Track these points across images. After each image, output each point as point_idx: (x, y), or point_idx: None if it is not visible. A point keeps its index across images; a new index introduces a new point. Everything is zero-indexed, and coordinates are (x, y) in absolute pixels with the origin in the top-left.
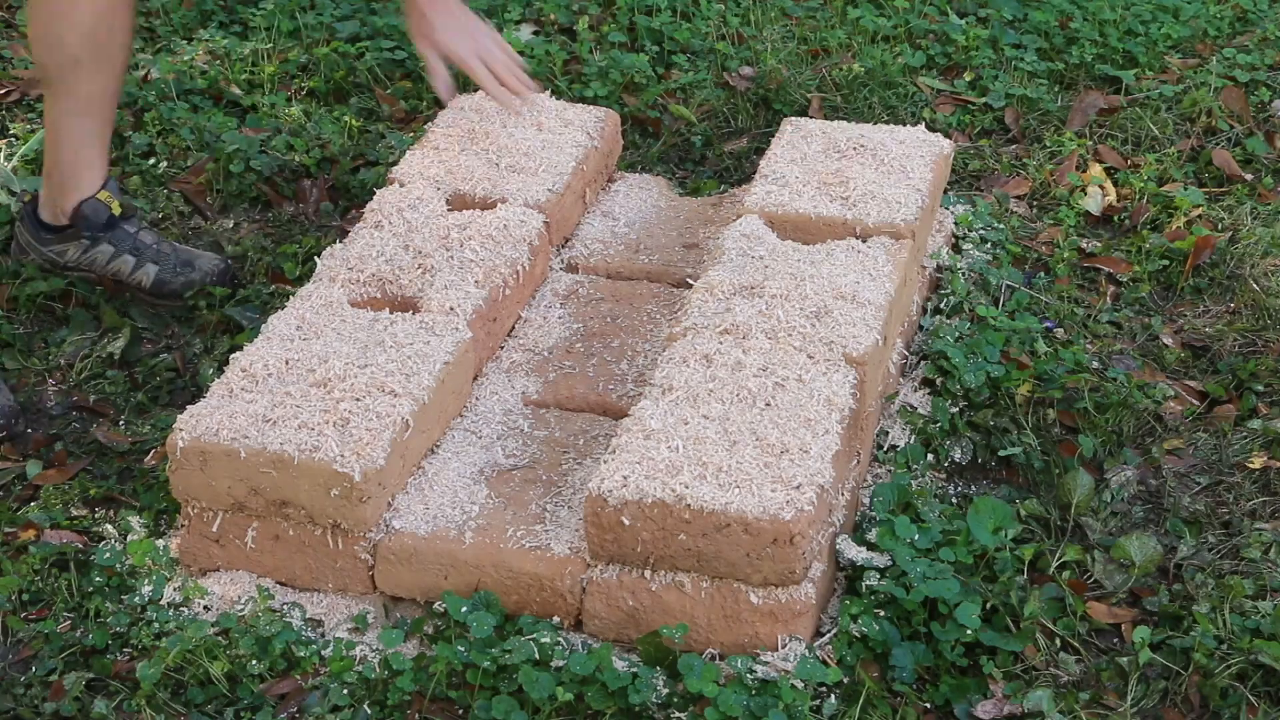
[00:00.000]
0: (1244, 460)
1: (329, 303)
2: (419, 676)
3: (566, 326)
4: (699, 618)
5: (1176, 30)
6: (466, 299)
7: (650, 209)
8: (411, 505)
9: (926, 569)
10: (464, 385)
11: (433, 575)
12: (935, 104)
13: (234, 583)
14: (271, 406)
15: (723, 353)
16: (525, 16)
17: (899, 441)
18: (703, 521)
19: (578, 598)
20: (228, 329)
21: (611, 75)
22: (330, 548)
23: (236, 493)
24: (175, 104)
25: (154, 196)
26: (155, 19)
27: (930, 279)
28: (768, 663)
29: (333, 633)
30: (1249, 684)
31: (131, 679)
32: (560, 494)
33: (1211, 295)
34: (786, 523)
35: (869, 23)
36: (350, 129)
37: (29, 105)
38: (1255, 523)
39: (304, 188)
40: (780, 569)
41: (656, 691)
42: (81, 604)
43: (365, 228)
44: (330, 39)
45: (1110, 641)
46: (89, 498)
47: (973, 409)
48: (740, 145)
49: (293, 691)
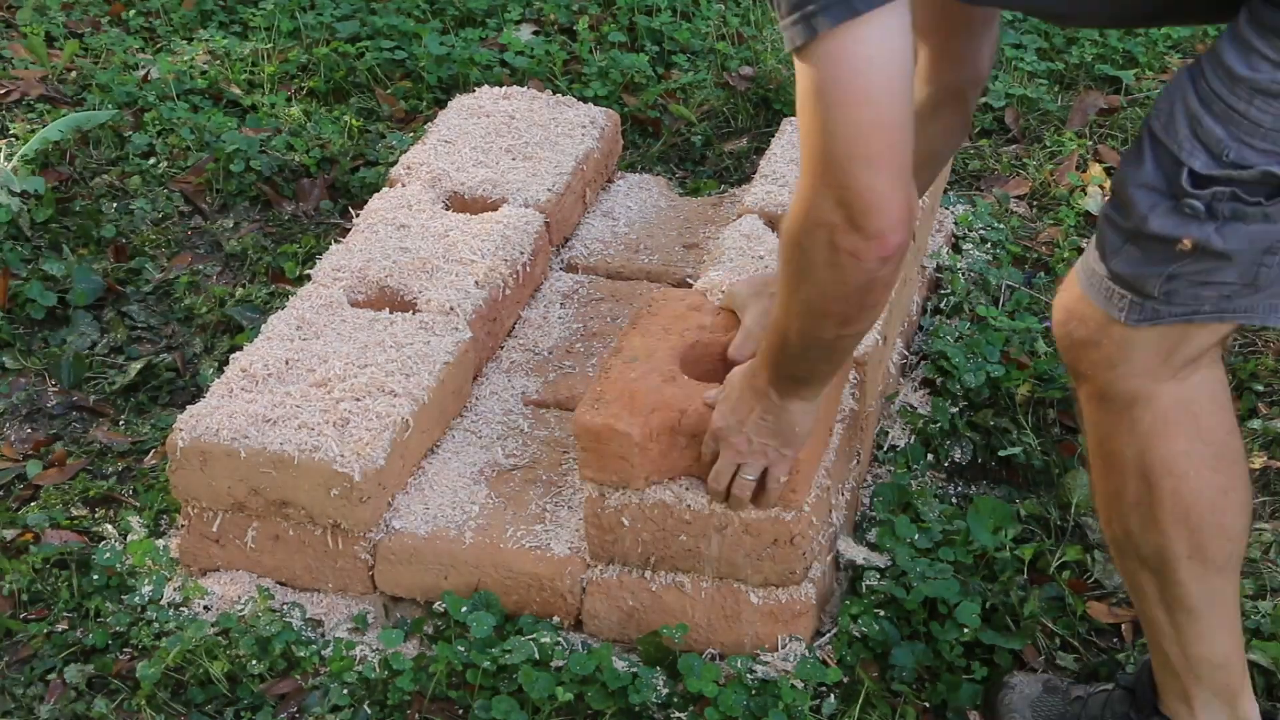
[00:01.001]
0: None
1: (329, 303)
2: (419, 676)
3: (566, 326)
4: (699, 618)
5: (1176, 30)
6: (466, 299)
7: (650, 209)
8: (411, 505)
9: (926, 569)
10: (464, 385)
11: (433, 575)
12: None
13: (234, 583)
14: (271, 406)
15: None
16: (525, 16)
17: (899, 441)
18: (703, 522)
19: (578, 598)
20: (228, 329)
21: (611, 75)
22: (330, 548)
23: (236, 493)
24: (175, 104)
25: (154, 196)
26: (155, 19)
27: (930, 279)
28: (768, 663)
29: (333, 633)
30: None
31: (131, 679)
32: (560, 494)
33: None
34: (786, 523)
35: None
36: (350, 129)
37: (29, 105)
38: (1256, 522)
39: (304, 187)
40: (780, 569)
41: (656, 691)
42: (81, 604)
43: (365, 228)
44: (330, 39)
45: (1110, 641)
46: (89, 498)
47: (973, 409)
48: (740, 145)
49: (293, 691)
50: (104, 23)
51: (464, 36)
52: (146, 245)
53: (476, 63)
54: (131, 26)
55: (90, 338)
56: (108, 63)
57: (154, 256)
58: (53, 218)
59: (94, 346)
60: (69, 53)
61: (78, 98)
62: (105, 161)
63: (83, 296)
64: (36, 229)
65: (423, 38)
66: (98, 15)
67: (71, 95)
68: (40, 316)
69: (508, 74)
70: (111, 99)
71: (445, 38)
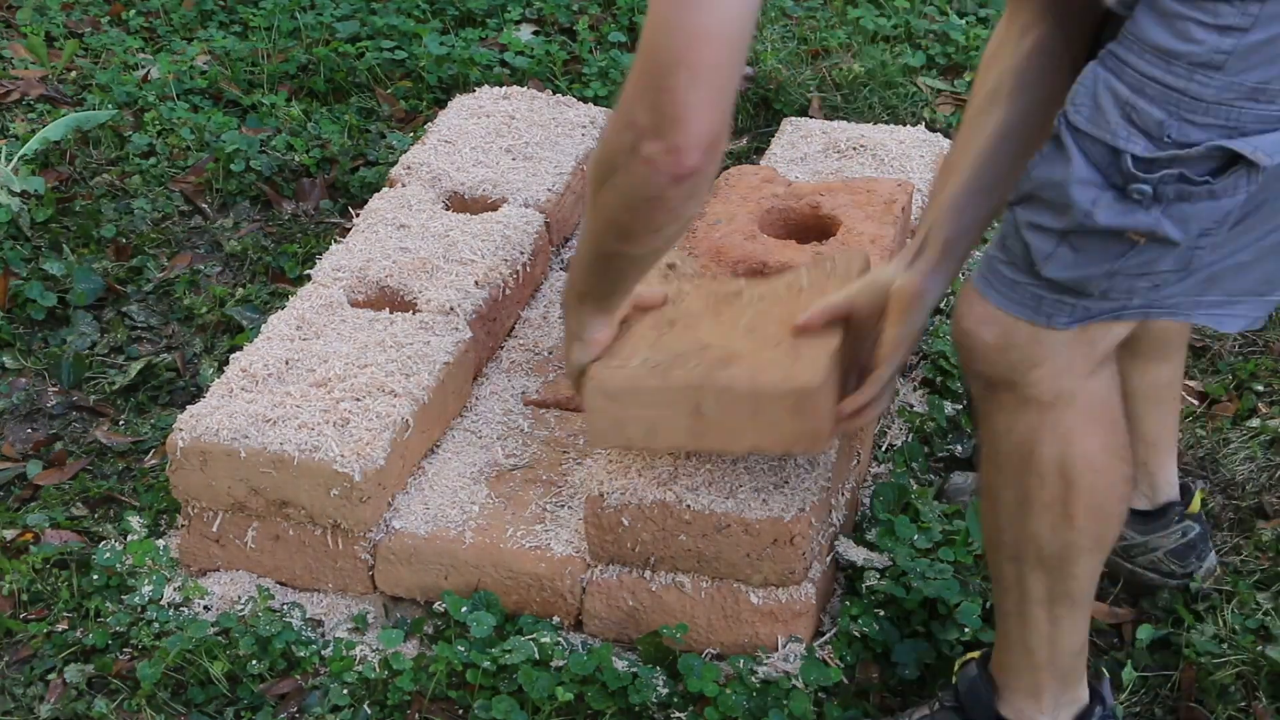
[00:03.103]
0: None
1: (329, 303)
2: (419, 676)
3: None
4: (699, 618)
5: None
6: (466, 299)
7: None
8: (411, 505)
9: (926, 569)
10: (464, 385)
11: (433, 575)
12: (935, 104)
13: (234, 583)
14: (271, 406)
15: None
16: (525, 16)
17: (898, 441)
18: (703, 522)
19: (578, 598)
20: (228, 329)
21: (611, 75)
22: (330, 548)
23: (236, 493)
24: (175, 104)
25: (154, 196)
26: (155, 19)
27: None
28: (768, 663)
29: (333, 633)
30: (1247, 683)
31: (131, 679)
32: (560, 494)
33: None
34: (786, 523)
35: (869, 23)
36: (350, 129)
37: (29, 105)
38: (1257, 521)
39: (304, 187)
40: (780, 569)
41: (656, 691)
42: (81, 604)
43: (365, 228)
44: (330, 39)
45: (1110, 641)
46: (89, 498)
47: (973, 407)
48: (740, 145)
49: (293, 691)
50: (104, 23)
51: (464, 36)
52: (146, 245)
53: (476, 63)
54: (131, 26)
55: (90, 338)
56: (108, 63)
57: (154, 256)
58: (53, 218)
59: (94, 346)
60: (69, 53)
61: (78, 98)
62: (105, 161)
63: (83, 296)
64: (36, 229)
65: (423, 38)
66: (98, 15)
67: (71, 95)
68: (40, 316)
69: (508, 74)
70: (111, 99)
71: (445, 38)
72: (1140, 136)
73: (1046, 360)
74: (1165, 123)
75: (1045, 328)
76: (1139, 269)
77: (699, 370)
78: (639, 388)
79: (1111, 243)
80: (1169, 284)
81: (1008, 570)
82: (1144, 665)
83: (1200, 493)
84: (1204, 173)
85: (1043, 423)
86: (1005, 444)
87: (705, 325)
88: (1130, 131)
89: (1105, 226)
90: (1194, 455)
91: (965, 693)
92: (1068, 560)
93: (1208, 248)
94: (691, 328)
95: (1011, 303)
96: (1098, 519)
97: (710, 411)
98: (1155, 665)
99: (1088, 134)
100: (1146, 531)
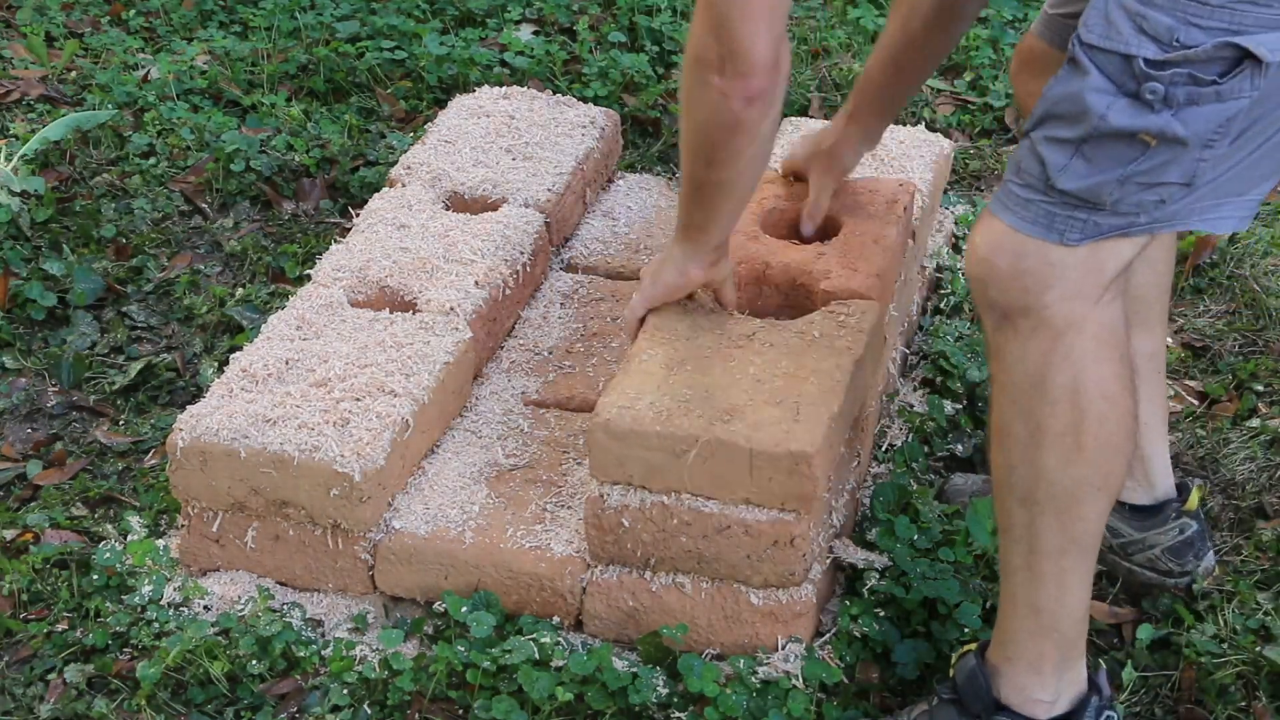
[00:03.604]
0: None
1: (329, 303)
2: (419, 676)
3: (566, 326)
4: (699, 618)
5: None
6: (466, 299)
7: (650, 209)
8: (411, 505)
9: (926, 569)
10: (464, 385)
11: (433, 575)
12: (935, 104)
13: (234, 583)
14: (271, 406)
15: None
16: (525, 16)
17: (898, 441)
18: (703, 523)
19: (578, 598)
20: (228, 329)
21: (611, 75)
22: (330, 548)
23: (236, 493)
24: (175, 104)
25: (154, 196)
26: (155, 19)
27: (930, 279)
28: (768, 663)
29: (333, 633)
30: (1247, 683)
31: (131, 679)
32: (560, 494)
33: (1211, 295)
34: (787, 524)
35: (869, 23)
36: (350, 129)
37: (29, 105)
38: (1257, 521)
39: (304, 187)
40: (780, 570)
41: (656, 691)
42: (81, 604)
43: (365, 228)
44: (330, 39)
45: (1110, 641)
46: (89, 498)
47: (974, 406)
48: None
49: (293, 691)
50: (104, 23)
51: (464, 36)
52: (146, 245)
53: (476, 63)
54: (131, 26)
55: (90, 338)
56: (108, 63)
57: (154, 256)
58: (53, 218)
59: (94, 346)
60: (69, 53)
61: (78, 98)
62: (105, 161)
63: (83, 296)
64: (36, 229)
65: (423, 38)
66: (98, 15)
67: (71, 95)
68: (40, 316)
69: (508, 74)
70: (111, 99)
71: (445, 38)
72: (1150, 42)
73: (1058, 282)
74: (1174, 27)
75: (1057, 244)
76: (1148, 178)
77: (701, 422)
78: (643, 432)
79: (1124, 147)
80: (1174, 199)
81: (1018, 516)
82: (1144, 665)
83: (1198, 489)
84: (1212, 73)
85: (1055, 348)
86: (1018, 373)
87: (715, 370)
88: (1141, 39)
89: (1119, 128)
90: (1194, 455)
91: (963, 684)
92: (1077, 499)
93: (1211, 160)
94: (701, 371)
95: (1025, 221)
96: (1107, 453)
97: (708, 462)
98: (1155, 665)
99: (1101, 48)
100: (1144, 528)
